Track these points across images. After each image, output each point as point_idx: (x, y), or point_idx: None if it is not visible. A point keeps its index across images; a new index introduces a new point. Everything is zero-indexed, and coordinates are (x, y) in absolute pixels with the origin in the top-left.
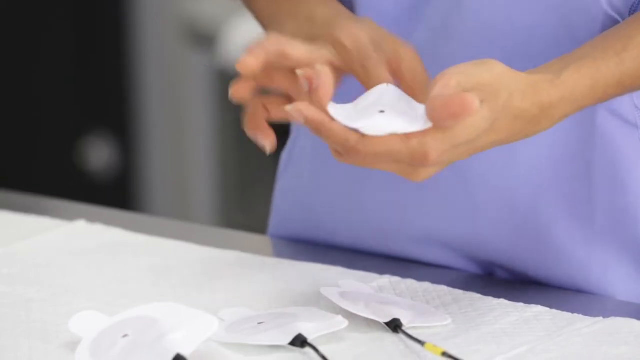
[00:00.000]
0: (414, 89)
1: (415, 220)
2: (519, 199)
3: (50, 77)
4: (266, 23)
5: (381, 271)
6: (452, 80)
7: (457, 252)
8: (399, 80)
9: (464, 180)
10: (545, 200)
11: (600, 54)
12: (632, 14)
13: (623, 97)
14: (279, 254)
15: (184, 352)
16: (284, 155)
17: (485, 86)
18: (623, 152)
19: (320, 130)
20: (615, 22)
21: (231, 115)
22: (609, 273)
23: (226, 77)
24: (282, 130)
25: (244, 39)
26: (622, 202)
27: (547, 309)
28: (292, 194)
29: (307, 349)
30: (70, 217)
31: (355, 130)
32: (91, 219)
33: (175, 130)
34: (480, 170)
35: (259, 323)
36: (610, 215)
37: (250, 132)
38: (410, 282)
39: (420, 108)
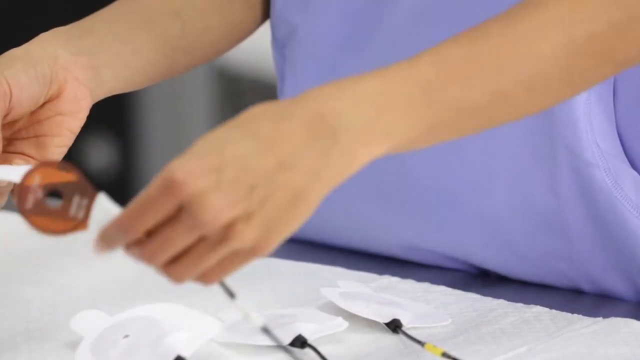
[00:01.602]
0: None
1: (401, 233)
2: (502, 218)
3: None
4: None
5: (381, 271)
6: None
7: (448, 258)
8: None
9: (449, 202)
10: (525, 220)
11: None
12: None
13: (582, 137)
14: (278, 254)
15: (185, 354)
16: None
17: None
18: (590, 187)
19: None
20: None
21: (231, 115)
22: (607, 274)
23: (226, 77)
24: None
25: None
26: (593, 227)
27: (547, 309)
28: None
29: (307, 350)
30: None
31: None
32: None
33: (175, 130)
34: (463, 191)
35: None
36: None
37: None
38: (410, 282)
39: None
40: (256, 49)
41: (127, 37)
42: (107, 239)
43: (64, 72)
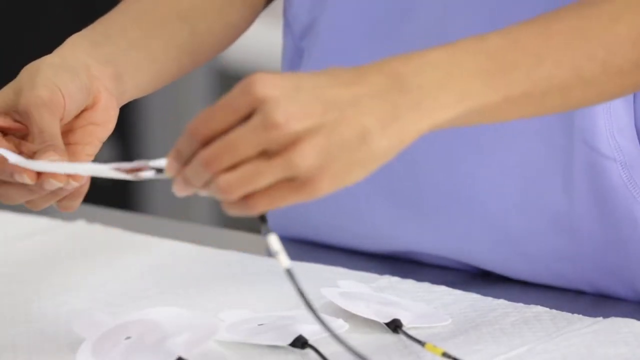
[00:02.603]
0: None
1: (403, 234)
2: (510, 218)
3: None
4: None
5: (381, 271)
6: None
7: (452, 261)
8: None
9: (457, 202)
10: (534, 220)
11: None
12: None
13: (599, 130)
14: None
15: (186, 356)
16: None
17: None
18: (604, 182)
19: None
20: None
21: None
22: (609, 277)
23: (226, 77)
24: None
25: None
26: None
27: (547, 309)
28: None
29: (307, 350)
30: (69, 217)
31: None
32: (91, 219)
33: (175, 130)
34: (475, 190)
35: (259, 324)
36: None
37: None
38: (410, 282)
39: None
40: (256, 49)
41: (142, 43)
42: (180, 150)
43: (97, 82)
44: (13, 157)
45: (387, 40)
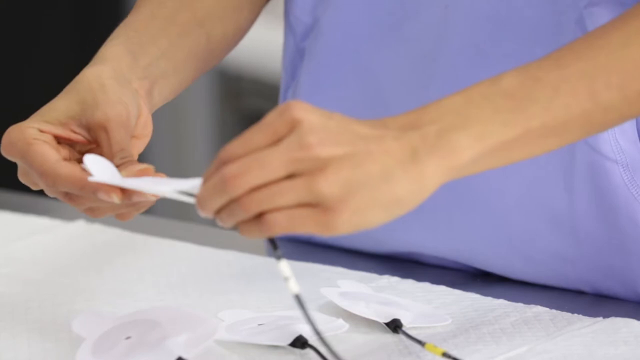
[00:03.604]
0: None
1: (404, 234)
2: (511, 218)
3: (50, 76)
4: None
5: (381, 271)
6: None
7: (452, 261)
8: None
9: (458, 202)
10: (535, 221)
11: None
12: None
13: (602, 133)
14: None
15: (186, 356)
16: None
17: None
18: (605, 183)
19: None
20: None
21: (231, 115)
22: (610, 279)
23: (226, 77)
24: None
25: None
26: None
27: (547, 309)
28: None
29: (307, 350)
30: (70, 217)
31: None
32: (91, 219)
33: (174, 130)
34: (477, 190)
35: (259, 324)
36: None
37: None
38: (410, 282)
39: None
40: (256, 49)
41: (169, 54)
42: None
43: (139, 98)
44: (102, 173)
45: (389, 40)
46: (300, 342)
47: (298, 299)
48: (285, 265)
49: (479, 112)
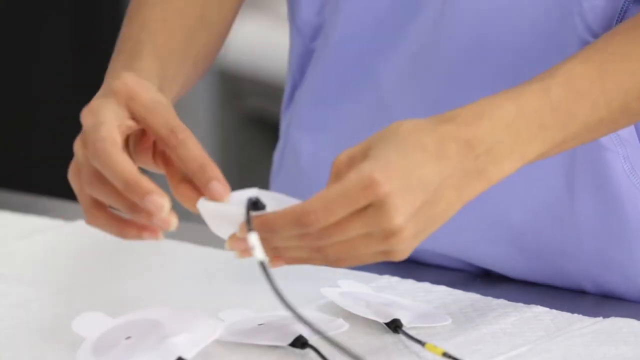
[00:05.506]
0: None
1: None
2: (513, 215)
3: (50, 76)
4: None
5: (381, 271)
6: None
7: (452, 260)
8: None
9: None
10: (537, 219)
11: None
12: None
13: None
14: None
15: (186, 356)
16: (276, 155)
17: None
18: (606, 176)
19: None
20: None
21: (231, 115)
22: (612, 273)
23: (226, 77)
24: (274, 129)
25: (245, 39)
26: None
27: (547, 309)
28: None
29: (307, 350)
30: (70, 217)
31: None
32: None
33: None
34: None
35: (259, 324)
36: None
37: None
38: (410, 282)
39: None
40: (256, 49)
41: (180, 59)
42: (279, 227)
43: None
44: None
45: (394, 37)
46: (300, 342)
47: (262, 266)
48: (254, 237)
49: (526, 129)
